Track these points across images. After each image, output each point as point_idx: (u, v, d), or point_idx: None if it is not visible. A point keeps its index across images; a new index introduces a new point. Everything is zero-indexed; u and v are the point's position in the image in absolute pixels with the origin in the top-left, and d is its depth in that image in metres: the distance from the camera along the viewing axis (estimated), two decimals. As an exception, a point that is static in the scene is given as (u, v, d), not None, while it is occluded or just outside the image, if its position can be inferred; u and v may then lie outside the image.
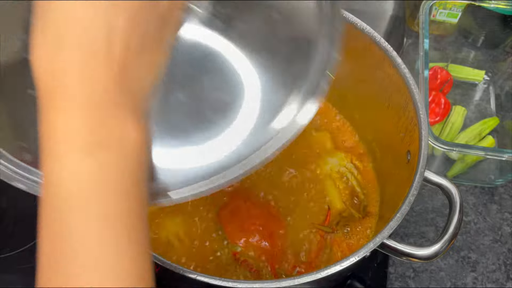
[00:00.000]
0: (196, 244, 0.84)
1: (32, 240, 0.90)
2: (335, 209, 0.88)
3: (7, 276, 0.88)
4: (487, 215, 0.99)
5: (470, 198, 1.01)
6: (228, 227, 0.84)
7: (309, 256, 0.84)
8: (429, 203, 1.00)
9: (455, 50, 1.19)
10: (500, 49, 1.19)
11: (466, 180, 1.02)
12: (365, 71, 0.87)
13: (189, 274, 0.63)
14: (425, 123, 0.76)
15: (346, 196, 0.90)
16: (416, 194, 0.70)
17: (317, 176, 0.91)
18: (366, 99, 0.91)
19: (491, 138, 1.04)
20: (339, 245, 0.84)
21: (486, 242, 0.96)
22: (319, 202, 0.89)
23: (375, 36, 0.82)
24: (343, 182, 0.91)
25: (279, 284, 0.63)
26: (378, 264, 0.91)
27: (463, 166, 1.01)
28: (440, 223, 0.97)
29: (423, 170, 0.72)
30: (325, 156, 0.93)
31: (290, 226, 0.86)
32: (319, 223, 0.86)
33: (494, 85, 1.14)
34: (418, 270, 0.93)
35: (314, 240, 0.85)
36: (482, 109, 1.12)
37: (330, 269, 0.64)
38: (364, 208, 0.88)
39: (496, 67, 1.16)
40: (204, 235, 0.85)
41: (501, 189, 1.02)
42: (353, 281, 0.90)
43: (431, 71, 1.08)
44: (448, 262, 0.94)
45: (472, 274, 0.93)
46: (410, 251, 0.69)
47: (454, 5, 1.13)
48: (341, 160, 0.92)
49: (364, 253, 0.66)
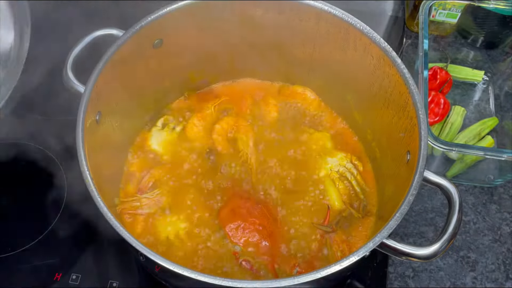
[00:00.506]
0: (196, 244, 0.84)
1: (32, 240, 0.90)
2: (334, 209, 0.88)
3: (7, 276, 0.88)
4: (487, 215, 0.99)
5: (470, 198, 1.01)
6: (228, 227, 0.84)
7: (309, 255, 0.84)
8: (428, 203, 1.00)
9: (455, 51, 1.19)
10: (500, 50, 1.19)
11: (466, 180, 1.03)
12: (364, 71, 0.87)
13: (189, 274, 0.63)
14: (425, 123, 0.76)
15: (346, 196, 0.90)
16: (415, 194, 0.70)
17: (317, 176, 0.92)
18: (366, 99, 0.91)
19: (490, 138, 1.04)
20: (339, 245, 0.85)
21: (486, 242, 0.96)
22: (319, 202, 0.89)
23: (375, 36, 0.82)
24: (343, 182, 0.91)
25: (279, 284, 0.63)
26: (377, 264, 0.91)
27: (462, 166, 1.01)
28: (440, 223, 0.97)
29: (422, 170, 0.72)
30: (325, 156, 0.93)
31: (290, 226, 0.87)
32: (319, 223, 0.87)
33: (493, 85, 1.15)
34: (418, 269, 0.93)
35: (314, 239, 0.85)
36: (481, 109, 1.12)
37: (330, 269, 0.64)
38: (363, 208, 0.89)
39: (495, 67, 1.16)
40: (204, 235, 0.85)
41: (500, 189, 1.02)
42: (352, 281, 0.90)
43: (431, 71, 1.08)
44: (447, 262, 0.94)
45: (471, 274, 0.93)
46: (409, 250, 0.70)
47: (453, 6, 1.13)
48: (341, 160, 0.93)
49: (364, 252, 0.66)
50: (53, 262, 0.88)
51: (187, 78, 0.98)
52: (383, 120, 0.88)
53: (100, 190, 0.70)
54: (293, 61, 0.96)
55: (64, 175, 0.95)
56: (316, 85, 1.00)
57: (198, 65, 0.96)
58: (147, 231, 0.85)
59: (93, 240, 0.91)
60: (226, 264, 0.83)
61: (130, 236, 0.66)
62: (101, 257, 0.90)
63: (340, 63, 0.90)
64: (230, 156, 0.94)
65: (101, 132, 0.80)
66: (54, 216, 0.89)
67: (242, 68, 1.01)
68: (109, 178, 0.86)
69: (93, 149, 0.75)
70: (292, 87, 1.01)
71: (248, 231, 0.84)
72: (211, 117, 0.98)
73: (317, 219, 0.87)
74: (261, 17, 0.88)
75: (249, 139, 0.95)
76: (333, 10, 0.84)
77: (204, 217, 0.87)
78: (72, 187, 0.94)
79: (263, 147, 0.95)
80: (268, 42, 0.93)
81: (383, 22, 1.24)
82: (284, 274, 0.82)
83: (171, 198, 0.88)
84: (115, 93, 0.83)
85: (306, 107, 1.01)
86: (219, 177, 0.91)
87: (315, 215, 0.88)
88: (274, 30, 0.90)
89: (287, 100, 1.01)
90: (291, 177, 0.92)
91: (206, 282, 0.63)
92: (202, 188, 0.90)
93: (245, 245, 0.83)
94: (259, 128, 0.97)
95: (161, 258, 0.64)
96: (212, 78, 1.02)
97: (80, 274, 0.87)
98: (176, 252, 0.83)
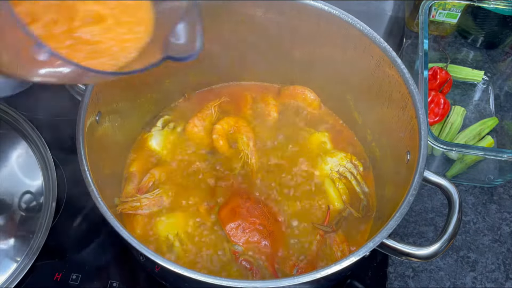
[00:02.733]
0: (196, 244, 0.84)
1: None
2: (334, 208, 0.89)
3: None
4: (486, 215, 0.99)
5: (470, 198, 1.01)
6: (228, 227, 0.84)
7: (309, 255, 0.84)
8: (428, 203, 1.00)
9: (455, 51, 1.20)
10: (499, 50, 1.19)
11: (466, 180, 1.03)
12: (364, 71, 0.87)
13: (189, 274, 0.63)
14: (425, 123, 0.76)
15: (345, 196, 0.90)
16: (415, 194, 0.70)
17: (316, 176, 0.92)
18: (366, 99, 0.91)
19: (490, 138, 1.04)
20: (338, 245, 0.85)
21: (485, 242, 0.96)
22: (318, 202, 0.89)
23: (375, 36, 0.82)
24: (343, 182, 0.91)
25: (279, 283, 0.63)
26: (377, 264, 0.91)
27: (462, 166, 1.01)
28: (440, 223, 0.97)
29: (422, 170, 0.72)
30: (325, 156, 0.93)
31: (290, 226, 0.87)
32: (319, 223, 0.87)
33: (493, 85, 1.15)
34: (418, 269, 0.93)
35: (314, 239, 0.85)
36: (481, 109, 1.12)
37: (330, 269, 0.64)
38: (363, 208, 0.89)
39: (495, 67, 1.16)
40: (204, 235, 0.85)
41: (500, 189, 1.02)
42: (352, 281, 0.90)
43: (431, 71, 1.08)
44: (447, 262, 0.94)
45: (471, 274, 0.93)
46: (409, 250, 0.70)
47: (453, 6, 1.13)
48: (341, 160, 0.93)
49: (364, 252, 0.66)
50: (53, 262, 0.88)
51: (187, 78, 0.98)
52: (383, 120, 0.88)
53: (100, 190, 0.70)
54: (293, 61, 0.97)
55: (64, 175, 0.95)
56: (316, 85, 1.00)
57: (198, 65, 0.96)
58: (147, 231, 0.85)
59: (93, 240, 0.91)
60: (226, 264, 0.83)
61: (130, 236, 0.66)
62: (101, 257, 0.90)
63: (340, 63, 0.90)
64: (230, 156, 0.94)
65: (101, 132, 0.80)
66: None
67: (242, 69, 1.01)
68: (109, 178, 0.86)
69: (93, 149, 0.75)
70: (292, 87, 1.01)
71: (249, 231, 0.84)
72: (211, 118, 0.98)
73: (317, 219, 0.88)
74: (261, 17, 0.88)
75: (249, 139, 0.95)
76: (333, 10, 0.84)
77: (204, 217, 0.87)
78: (72, 187, 0.94)
79: (263, 147, 0.95)
80: (268, 42, 0.93)
81: (383, 22, 1.24)
82: (284, 274, 0.82)
83: (171, 198, 0.88)
84: (116, 93, 0.83)
85: (306, 107, 1.01)
86: (219, 177, 0.91)
87: (315, 215, 0.88)
88: (274, 30, 0.90)
89: (287, 100, 1.01)
90: (291, 177, 0.92)
91: (206, 282, 0.63)
92: (202, 188, 0.90)
93: (245, 244, 0.83)
94: (259, 128, 0.97)
95: (161, 258, 0.64)
96: (212, 78, 1.02)
97: (80, 274, 0.87)
98: (176, 252, 0.83)
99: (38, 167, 0.93)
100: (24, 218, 0.89)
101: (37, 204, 0.90)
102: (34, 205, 0.90)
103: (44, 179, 0.92)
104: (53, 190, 0.89)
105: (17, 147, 0.95)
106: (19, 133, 0.95)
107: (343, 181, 0.91)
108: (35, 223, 0.87)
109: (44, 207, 0.89)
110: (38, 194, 0.91)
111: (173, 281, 0.78)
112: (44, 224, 0.86)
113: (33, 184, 0.92)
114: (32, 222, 0.88)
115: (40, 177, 0.92)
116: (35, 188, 0.91)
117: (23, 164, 0.94)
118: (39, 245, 0.84)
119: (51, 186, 0.89)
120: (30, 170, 0.93)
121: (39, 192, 0.91)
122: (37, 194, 0.91)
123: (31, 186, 0.92)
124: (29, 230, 0.87)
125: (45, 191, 0.90)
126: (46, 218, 0.87)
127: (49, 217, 0.87)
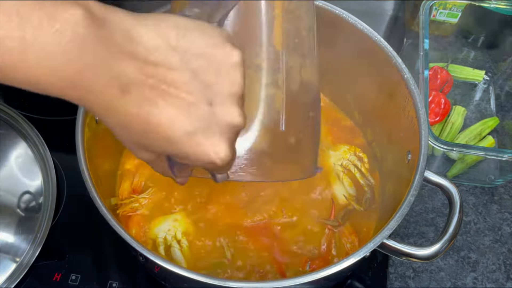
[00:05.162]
0: (196, 244, 0.84)
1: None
2: (339, 202, 0.88)
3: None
4: (487, 215, 0.99)
5: (470, 198, 1.01)
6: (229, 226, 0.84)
7: (320, 250, 0.83)
8: (429, 203, 1.00)
9: (455, 50, 1.19)
10: (500, 49, 1.19)
11: (466, 180, 1.02)
12: (364, 71, 0.87)
13: (189, 274, 0.63)
14: (425, 123, 0.76)
15: (350, 189, 0.89)
16: (416, 194, 0.70)
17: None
18: (366, 99, 0.91)
19: (491, 138, 1.04)
20: (347, 237, 0.84)
21: (486, 242, 0.96)
22: (323, 196, 0.88)
23: (375, 36, 0.82)
24: (347, 175, 0.90)
25: (279, 284, 0.63)
26: (378, 264, 0.91)
27: (463, 166, 1.01)
28: (440, 223, 0.97)
29: (423, 170, 0.72)
30: (327, 151, 0.92)
31: (296, 222, 0.86)
32: (325, 218, 0.86)
33: (494, 85, 1.14)
34: (418, 270, 0.93)
35: (322, 234, 0.84)
36: (482, 109, 1.12)
37: (330, 269, 0.64)
38: (366, 201, 0.88)
39: (496, 67, 1.16)
40: (204, 235, 0.85)
41: (501, 189, 1.02)
42: (353, 281, 0.90)
43: (431, 71, 1.08)
44: (448, 262, 0.94)
45: (472, 274, 0.93)
46: (410, 251, 0.69)
47: (454, 5, 1.13)
48: (345, 154, 0.92)
49: (364, 253, 0.66)
50: (52, 262, 0.87)
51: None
52: (383, 120, 0.88)
53: (100, 190, 0.70)
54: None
55: (64, 175, 0.95)
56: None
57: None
58: (146, 231, 0.85)
59: (92, 241, 0.91)
60: (226, 264, 0.82)
61: (130, 236, 0.66)
62: (101, 258, 0.90)
63: (340, 63, 0.90)
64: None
65: (101, 132, 0.80)
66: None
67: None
68: (109, 178, 0.86)
69: (92, 149, 0.75)
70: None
71: (251, 228, 0.83)
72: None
73: (322, 213, 0.86)
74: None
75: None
76: (333, 10, 0.83)
77: (204, 217, 0.86)
78: (71, 187, 0.94)
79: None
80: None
81: (383, 22, 1.24)
82: (294, 272, 0.81)
83: (165, 195, 0.87)
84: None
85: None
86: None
87: (320, 210, 0.87)
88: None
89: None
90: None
91: (205, 282, 0.62)
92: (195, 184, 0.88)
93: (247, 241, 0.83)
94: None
95: (161, 259, 0.64)
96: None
97: (79, 274, 0.86)
98: (176, 252, 0.83)
99: (37, 167, 0.92)
100: (23, 218, 0.88)
101: (36, 204, 0.89)
102: (34, 205, 0.90)
103: (44, 179, 0.91)
104: (52, 190, 0.89)
105: (16, 147, 0.94)
106: (18, 133, 0.95)
107: (348, 175, 0.90)
108: (34, 223, 0.87)
109: (43, 207, 0.88)
110: (38, 194, 0.90)
111: (173, 281, 0.78)
112: (43, 224, 0.86)
113: (33, 184, 0.91)
114: (31, 222, 0.87)
115: (39, 177, 0.92)
116: (35, 188, 0.91)
117: (23, 164, 0.93)
118: (38, 246, 0.84)
119: (51, 186, 0.89)
120: (30, 170, 0.92)
121: (39, 192, 0.90)
122: (37, 194, 0.90)
123: (31, 186, 0.91)
124: (28, 230, 0.87)
125: (45, 191, 0.90)
126: (45, 218, 0.86)
127: (48, 217, 0.86)
